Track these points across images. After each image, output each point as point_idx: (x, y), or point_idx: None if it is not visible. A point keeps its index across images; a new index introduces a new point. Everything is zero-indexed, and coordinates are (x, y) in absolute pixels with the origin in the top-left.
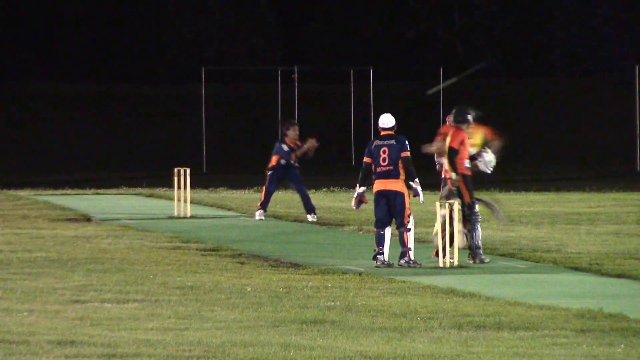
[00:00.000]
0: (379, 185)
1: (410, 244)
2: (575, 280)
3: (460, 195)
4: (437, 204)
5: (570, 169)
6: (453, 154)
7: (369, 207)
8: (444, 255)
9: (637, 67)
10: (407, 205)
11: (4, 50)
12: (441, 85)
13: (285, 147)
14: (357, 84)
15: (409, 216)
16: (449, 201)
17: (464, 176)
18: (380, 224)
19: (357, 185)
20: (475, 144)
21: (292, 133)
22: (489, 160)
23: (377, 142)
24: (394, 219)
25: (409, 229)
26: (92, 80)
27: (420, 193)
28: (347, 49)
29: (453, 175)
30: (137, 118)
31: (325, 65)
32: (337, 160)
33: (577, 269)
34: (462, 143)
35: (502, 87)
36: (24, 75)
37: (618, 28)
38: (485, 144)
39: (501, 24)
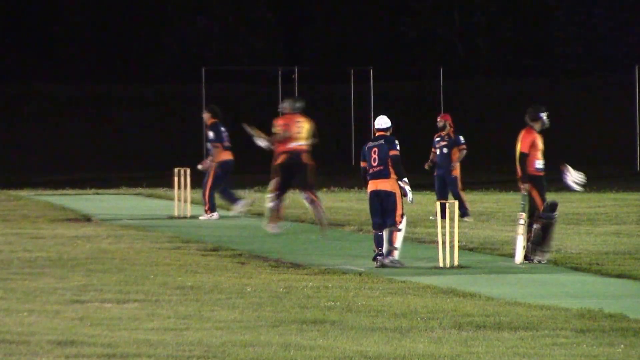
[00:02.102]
0: (371, 185)
1: (398, 244)
2: (575, 280)
3: (531, 199)
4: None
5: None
6: (523, 157)
7: (367, 207)
8: (532, 257)
9: (637, 67)
10: (398, 204)
11: (4, 51)
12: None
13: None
14: (357, 84)
15: (401, 216)
16: (450, 201)
17: (534, 178)
18: (377, 226)
19: (364, 189)
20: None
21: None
22: (576, 177)
23: (369, 144)
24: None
25: (400, 229)
26: (93, 81)
27: (409, 192)
28: (347, 49)
29: (524, 185)
30: (138, 118)
31: (326, 66)
32: (337, 160)
33: (577, 269)
34: (532, 145)
35: (502, 87)
36: (24, 76)
37: (618, 28)
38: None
39: (501, 24)
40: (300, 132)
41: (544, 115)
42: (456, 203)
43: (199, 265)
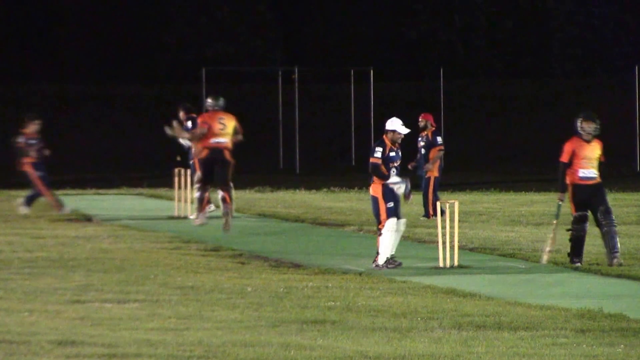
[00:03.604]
0: None
1: (381, 248)
2: (575, 280)
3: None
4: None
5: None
6: (560, 166)
7: (368, 207)
8: (577, 258)
9: (636, 68)
10: (380, 208)
11: (5, 51)
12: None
13: None
14: (357, 85)
15: (385, 221)
16: (450, 201)
17: (574, 187)
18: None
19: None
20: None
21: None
22: None
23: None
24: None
25: (381, 233)
26: (93, 81)
27: (396, 186)
28: (347, 50)
29: (560, 202)
30: (138, 118)
31: (326, 66)
32: (337, 161)
33: (577, 269)
34: (573, 154)
35: (501, 87)
36: (25, 76)
37: (617, 29)
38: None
39: (501, 24)
40: (224, 128)
41: (578, 123)
42: (456, 203)
43: (200, 265)
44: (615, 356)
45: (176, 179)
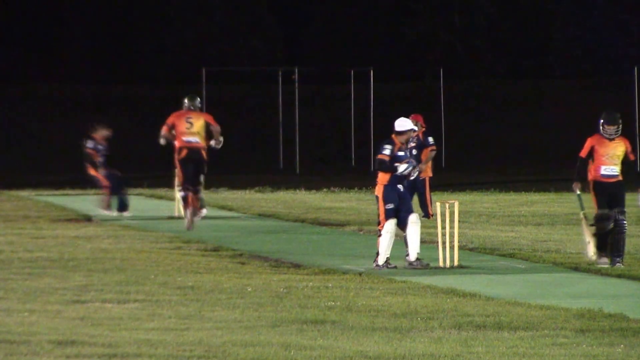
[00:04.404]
0: None
1: (381, 248)
2: (575, 280)
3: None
4: None
5: (570, 170)
6: (578, 160)
7: (369, 207)
8: (603, 256)
9: (636, 69)
10: (380, 209)
11: (6, 52)
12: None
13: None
14: (357, 85)
15: (383, 221)
16: (450, 201)
17: (595, 184)
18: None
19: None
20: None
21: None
22: None
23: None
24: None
25: (380, 234)
26: (93, 81)
27: (402, 167)
28: (347, 50)
29: (577, 191)
30: (138, 119)
31: (326, 66)
32: (337, 161)
33: (577, 269)
34: (592, 150)
35: (501, 88)
36: (25, 77)
37: (617, 29)
38: (625, 158)
39: (501, 25)
40: (190, 127)
41: (602, 122)
42: (456, 203)
43: (200, 265)
44: (615, 356)
45: (176, 179)
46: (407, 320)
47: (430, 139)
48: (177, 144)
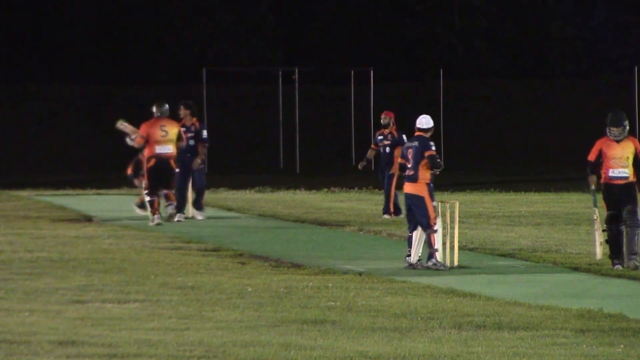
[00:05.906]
0: (405, 188)
1: (438, 245)
2: (575, 280)
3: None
4: None
5: (570, 169)
6: (587, 163)
7: (368, 207)
8: (617, 260)
9: (635, 68)
10: (428, 207)
11: (6, 52)
12: None
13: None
14: (357, 85)
15: (435, 218)
16: (450, 201)
17: (605, 186)
18: (409, 228)
19: None
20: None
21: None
22: None
23: (407, 144)
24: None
25: (435, 230)
26: (93, 81)
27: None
28: (347, 50)
29: (592, 186)
30: (138, 119)
31: (326, 66)
32: (337, 161)
33: (577, 269)
34: (601, 153)
35: (501, 87)
36: (25, 77)
37: (617, 29)
38: (635, 159)
39: (501, 25)
40: (165, 135)
41: (608, 123)
42: (456, 203)
43: (200, 265)
44: (615, 356)
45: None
46: (407, 320)
47: (405, 137)
48: (147, 152)
